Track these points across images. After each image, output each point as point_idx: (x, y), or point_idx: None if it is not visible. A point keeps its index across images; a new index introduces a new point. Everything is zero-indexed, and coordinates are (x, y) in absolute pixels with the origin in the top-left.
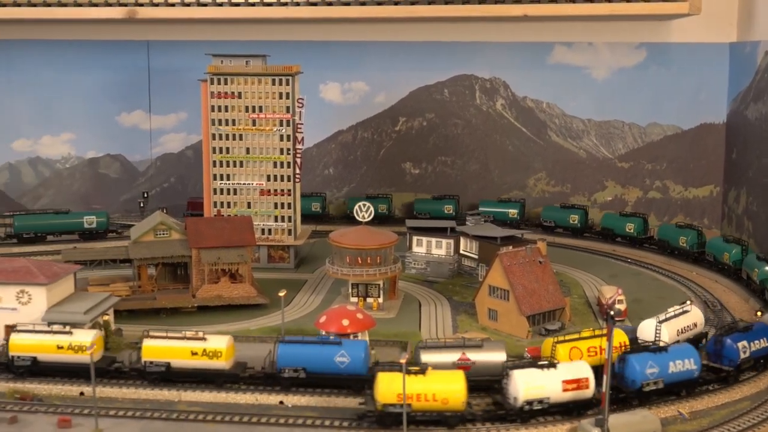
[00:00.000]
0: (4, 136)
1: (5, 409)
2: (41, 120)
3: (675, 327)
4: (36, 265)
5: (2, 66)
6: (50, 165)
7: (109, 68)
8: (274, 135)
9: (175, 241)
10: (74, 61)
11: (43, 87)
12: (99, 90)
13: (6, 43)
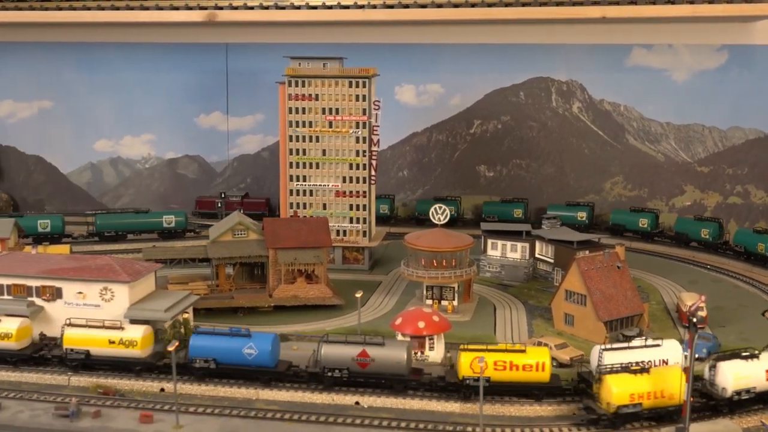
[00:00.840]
0: (87, 136)
1: (89, 404)
2: (122, 121)
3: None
4: (119, 263)
5: (86, 68)
6: (131, 165)
7: (188, 70)
8: (350, 137)
9: (252, 242)
10: (155, 64)
11: (124, 89)
12: (178, 92)
13: (90, 46)
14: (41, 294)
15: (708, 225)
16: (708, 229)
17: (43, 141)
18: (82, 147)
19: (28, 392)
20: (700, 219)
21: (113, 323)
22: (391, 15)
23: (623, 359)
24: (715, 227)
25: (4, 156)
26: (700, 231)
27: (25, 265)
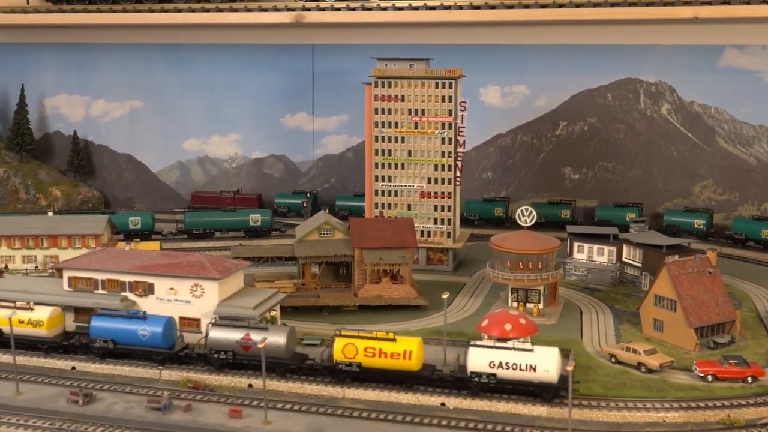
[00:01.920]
0: (176, 136)
1: (179, 397)
2: (210, 121)
3: (491, 357)
4: (209, 260)
5: (176, 69)
6: (218, 164)
7: (275, 71)
8: (435, 138)
9: (338, 241)
10: (243, 65)
11: (213, 89)
12: (265, 92)
13: (180, 47)
14: (134, 289)
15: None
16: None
17: (133, 140)
18: (171, 146)
19: (121, 384)
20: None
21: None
22: (478, 16)
23: (490, 358)
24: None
25: (96, 154)
26: (760, 231)
27: (119, 261)
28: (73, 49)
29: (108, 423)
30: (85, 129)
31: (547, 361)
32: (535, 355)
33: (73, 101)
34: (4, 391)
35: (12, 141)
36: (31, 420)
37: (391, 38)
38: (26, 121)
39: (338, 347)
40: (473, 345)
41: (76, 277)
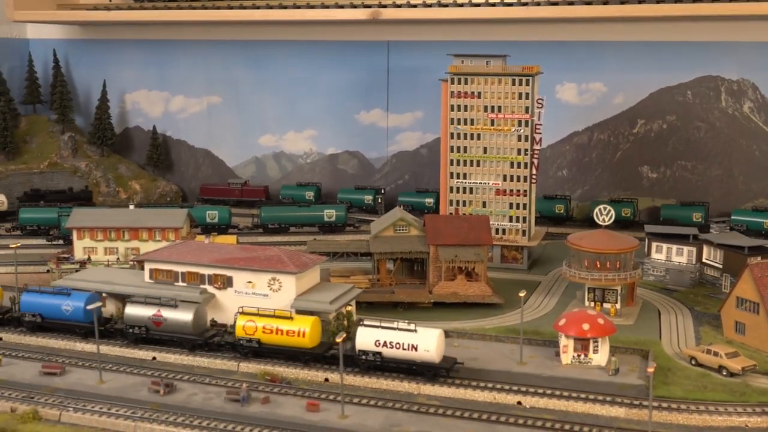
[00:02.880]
0: (253, 131)
1: (258, 390)
2: (286, 117)
3: (376, 336)
4: (287, 255)
5: (253, 65)
6: (293, 160)
7: (350, 68)
8: (512, 135)
9: (413, 237)
10: (318, 61)
11: (289, 85)
12: (340, 89)
13: (257, 44)
14: (213, 282)
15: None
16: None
17: (211, 135)
18: (247, 141)
19: (201, 376)
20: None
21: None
22: (555, 12)
23: (376, 337)
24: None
25: (174, 149)
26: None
27: (199, 253)
28: (154, 46)
29: (188, 413)
30: (163, 124)
31: (428, 342)
32: (417, 336)
33: (153, 97)
34: (88, 380)
35: (94, 135)
36: (114, 408)
37: (467, 35)
38: (107, 116)
39: (239, 324)
40: (361, 325)
41: (157, 269)
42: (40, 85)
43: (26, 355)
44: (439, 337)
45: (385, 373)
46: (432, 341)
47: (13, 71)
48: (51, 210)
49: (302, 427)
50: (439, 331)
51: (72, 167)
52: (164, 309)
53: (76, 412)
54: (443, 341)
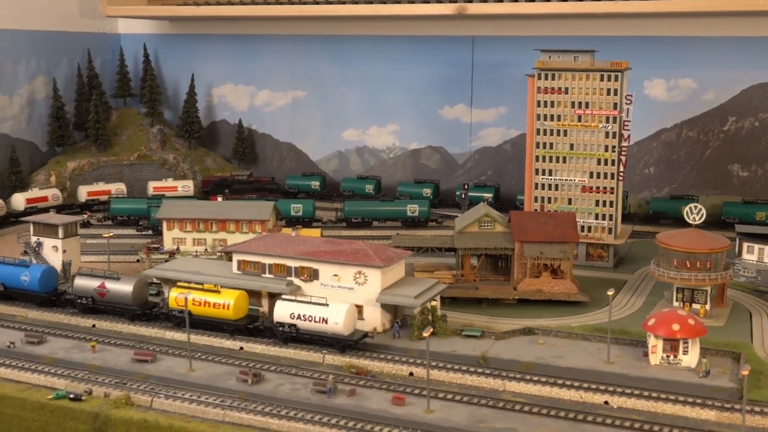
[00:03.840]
0: (336, 125)
1: (344, 382)
2: (370, 111)
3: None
4: (372, 249)
5: (338, 60)
6: (376, 154)
7: (434, 63)
8: (599, 131)
9: (498, 234)
10: (403, 56)
11: (373, 80)
12: (424, 84)
13: (342, 38)
14: (300, 274)
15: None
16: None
17: (295, 129)
18: (330, 136)
19: (287, 367)
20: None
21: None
22: (645, 7)
23: (291, 310)
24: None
25: (259, 142)
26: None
27: (285, 246)
28: (240, 40)
29: (276, 403)
30: (249, 118)
31: (337, 315)
32: (327, 309)
33: (239, 91)
34: (178, 368)
35: (182, 129)
36: (203, 396)
37: (554, 30)
38: (195, 109)
39: (172, 297)
40: (280, 298)
41: (245, 260)
42: (131, 78)
43: (118, 342)
44: (348, 310)
45: (470, 368)
46: (341, 315)
47: (105, 65)
48: (141, 201)
49: (388, 421)
50: (349, 305)
51: (160, 159)
52: (108, 281)
53: (167, 399)
54: (354, 315)
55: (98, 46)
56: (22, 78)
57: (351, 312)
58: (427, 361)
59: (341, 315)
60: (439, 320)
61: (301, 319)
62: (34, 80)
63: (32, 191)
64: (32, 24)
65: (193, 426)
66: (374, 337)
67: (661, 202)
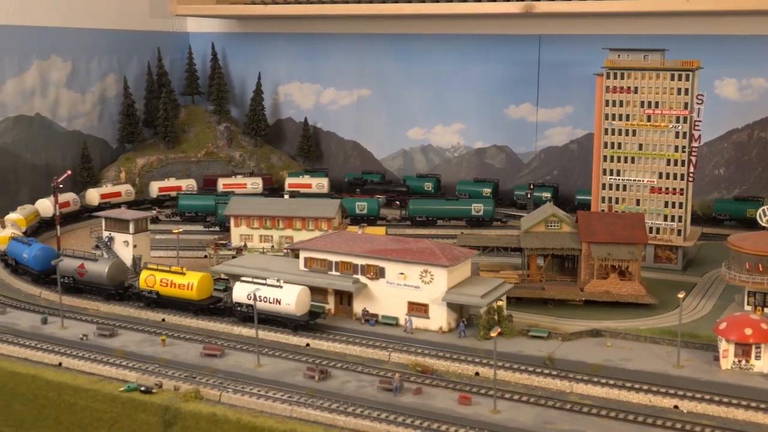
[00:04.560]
0: (401, 124)
1: (409, 380)
2: (435, 110)
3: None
4: (439, 248)
5: (403, 58)
6: (440, 153)
7: (500, 62)
8: (669, 132)
9: (565, 234)
10: (468, 55)
11: (438, 79)
12: (489, 83)
13: (408, 37)
14: (366, 272)
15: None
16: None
17: (360, 127)
18: (395, 134)
19: (353, 364)
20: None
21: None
22: (717, 5)
23: (249, 291)
24: None
25: (324, 141)
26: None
27: (352, 244)
28: (307, 39)
29: (342, 400)
30: (314, 116)
31: (289, 297)
32: (281, 291)
33: (305, 89)
34: (246, 363)
35: (248, 126)
36: (271, 391)
37: (622, 28)
38: (261, 107)
39: (142, 277)
40: (239, 280)
41: (312, 258)
42: (199, 77)
43: (187, 337)
44: (300, 293)
45: (536, 369)
46: (293, 297)
47: (174, 64)
48: (208, 197)
49: (455, 420)
50: (301, 288)
51: (227, 156)
52: (87, 262)
53: (235, 394)
54: (306, 298)
55: (168, 44)
56: (94, 76)
57: (303, 294)
58: (494, 361)
59: (293, 297)
60: (505, 320)
61: (258, 300)
62: (105, 78)
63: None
64: (104, 23)
65: (261, 421)
66: (326, 318)
67: (725, 204)
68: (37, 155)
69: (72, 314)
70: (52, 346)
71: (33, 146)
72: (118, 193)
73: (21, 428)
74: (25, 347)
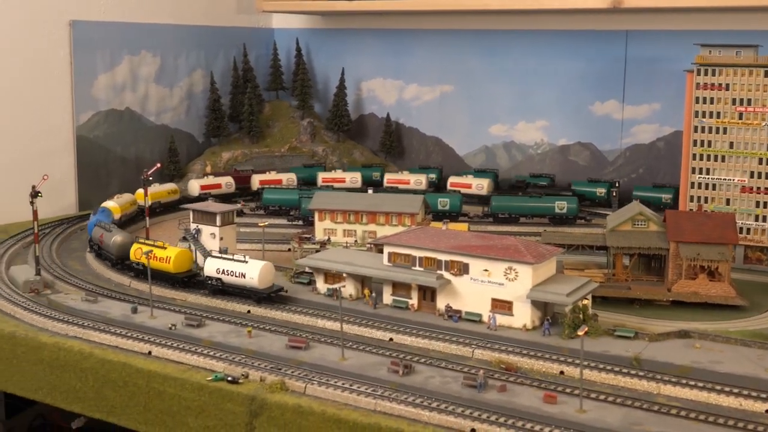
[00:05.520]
0: (484, 120)
1: (493, 377)
2: (518, 107)
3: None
4: (524, 245)
5: (488, 54)
6: (523, 150)
7: (585, 58)
8: (761, 130)
9: (653, 233)
10: (553, 51)
11: (521, 75)
12: (574, 79)
13: (492, 33)
14: (450, 268)
15: None
16: None
17: (442, 124)
18: (477, 131)
19: (437, 360)
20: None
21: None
22: None
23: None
24: None
25: (406, 136)
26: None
27: (436, 239)
28: (390, 35)
29: (426, 395)
30: (396, 112)
31: (252, 271)
32: (245, 265)
33: (388, 85)
34: (330, 356)
35: (331, 122)
36: (355, 384)
37: (713, 24)
38: (344, 103)
39: (132, 250)
40: (210, 256)
41: (396, 253)
42: (283, 72)
43: (272, 329)
44: (263, 268)
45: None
46: (255, 271)
47: (259, 59)
48: (292, 191)
49: (540, 418)
50: (264, 263)
51: (310, 151)
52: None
53: (320, 386)
54: (269, 273)
55: (253, 40)
56: (182, 71)
57: (266, 269)
58: (581, 360)
59: (256, 271)
60: (590, 319)
61: (225, 274)
62: (193, 74)
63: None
64: (192, 19)
65: (345, 414)
66: (288, 291)
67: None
68: (127, 149)
69: (160, 304)
70: (142, 335)
71: (123, 140)
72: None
73: (111, 414)
74: (117, 335)
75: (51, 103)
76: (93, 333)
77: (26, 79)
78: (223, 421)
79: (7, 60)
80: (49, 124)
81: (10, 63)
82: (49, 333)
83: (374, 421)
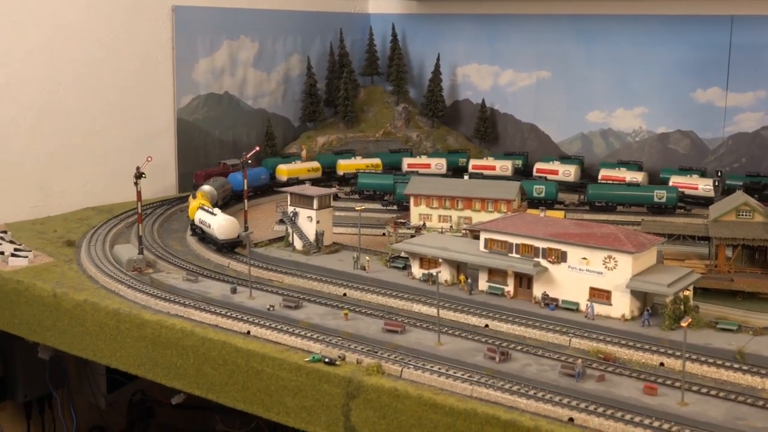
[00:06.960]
0: (581, 107)
1: (592, 367)
2: (616, 93)
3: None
4: (624, 233)
5: (584, 40)
6: (621, 137)
7: (686, 43)
8: None
9: (758, 224)
10: (653, 36)
11: (620, 61)
12: (674, 65)
13: (590, 18)
14: (547, 256)
15: None
16: None
17: (538, 110)
18: (574, 117)
19: (533, 347)
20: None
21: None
22: None
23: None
24: None
25: (501, 123)
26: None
27: (533, 226)
28: (486, 20)
29: (523, 382)
30: (491, 98)
31: (215, 223)
32: (213, 217)
33: (483, 71)
34: (426, 341)
35: (426, 107)
36: (451, 370)
37: None
38: (440, 88)
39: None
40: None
41: (492, 239)
42: (378, 57)
43: (368, 312)
44: (225, 222)
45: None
46: (217, 223)
47: (355, 44)
48: (388, 177)
49: (639, 410)
50: (227, 218)
51: (404, 137)
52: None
53: (416, 370)
54: (230, 228)
55: (349, 25)
56: (279, 56)
57: (226, 224)
58: (683, 352)
59: (216, 224)
60: (691, 311)
61: (202, 225)
62: (290, 58)
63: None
64: (290, 4)
65: (441, 399)
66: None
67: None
68: (225, 132)
69: (259, 285)
70: (241, 315)
71: (221, 123)
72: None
73: (211, 391)
74: (216, 314)
75: (154, 86)
76: (194, 312)
77: (130, 63)
78: (319, 402)
79: (112, 45)
80: (152, 107)
81: (115, 47)
82: (152, 311)
83: (470, 407)
